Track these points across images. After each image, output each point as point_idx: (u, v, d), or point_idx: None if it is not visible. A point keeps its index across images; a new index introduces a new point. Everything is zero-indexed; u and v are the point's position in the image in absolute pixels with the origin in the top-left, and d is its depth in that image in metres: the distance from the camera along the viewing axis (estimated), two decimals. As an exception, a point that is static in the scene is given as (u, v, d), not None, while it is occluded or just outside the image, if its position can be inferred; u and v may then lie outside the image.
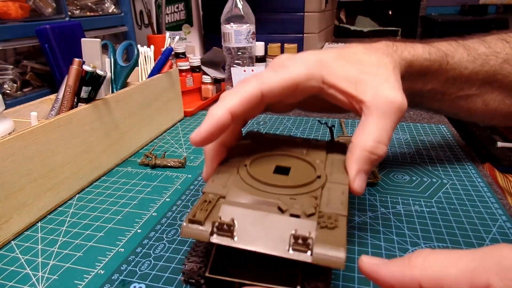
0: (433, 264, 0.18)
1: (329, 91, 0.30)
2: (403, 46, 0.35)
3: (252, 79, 0.28)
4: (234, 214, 0.23)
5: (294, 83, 0.29)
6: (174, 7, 0.96)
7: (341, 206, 0.25)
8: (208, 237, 0.23)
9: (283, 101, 0.31)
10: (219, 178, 0.28)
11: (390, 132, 0.29)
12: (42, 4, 0.69)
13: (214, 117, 0.27)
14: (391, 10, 2.75)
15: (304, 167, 0.29)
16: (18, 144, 0.35)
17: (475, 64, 0.38)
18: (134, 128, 0.53)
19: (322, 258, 0.21)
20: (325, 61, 0.31)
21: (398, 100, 0.29)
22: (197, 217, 0.23)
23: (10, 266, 0.32)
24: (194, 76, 0.76)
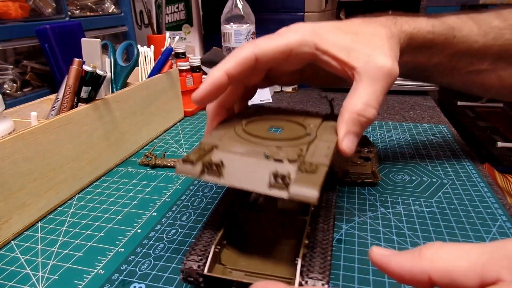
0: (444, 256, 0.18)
1: (322, 58, 0.31)
2: (404, 19, 0.35)
3: (248, 44, 0.30)
4: (223, 158, 0.26)
5: (287, 48, 0.30)
6: (174, 7, 0.96)
7: (324, 158, 0.26)
8: (198, 174, 0.25)
9: (281, 68, 0.32)
10: (216, 132, 0.30)
11: (379, 97, 0.29)
12: (42, 4, 0.69)
13: (212, 78, 0.29)
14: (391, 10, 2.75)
15: (297, 128, 0.32)
16: (18, 144, 0.35)
17: (486, 38, 0.37)
18: (134, 128, 0.53)
19: (297, 194, 0.23)
20: (319, 30, 0.31)
21: (388, 66, 0.29)
22: (190, 158, 0.26)
23: (10, 266, 0.32)
24: (194, 76, 0.76)
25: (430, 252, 0.19)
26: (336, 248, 0.33)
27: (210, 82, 0.29)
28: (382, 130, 0.60)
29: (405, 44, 0.34)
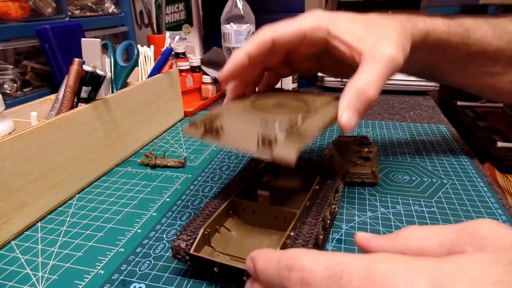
0: (417, 236, 0.20)
1: (334, 43, 0.33)
2: (420, 18, 0.36)
3: (267, 28, 0.34)
4: (224, 123, 0.30)
5: (301, 31, 0.33)
6: (174, 7, 0.96)
7: (316, 128, 0.29)
8: (201, 135, 0.29)
9: (298, 51, 0.35)
10: (226, 106, 0.35)
11: (380, 79, 0.31)
12: (42, 4, 0.69)
13: (235, 58, 0.33)
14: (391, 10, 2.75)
15: (300, 106, 0.34)
16: (18, 144, 0.35)
17: (501, 41, 0.38)
18: (134, 128, 0.53)
19: (277, 155, 0.25)
20: (334, 17, 0.34)
21: (392, 53, 0.31)
22: (195, 121, 0.30)
23: (10, 266, 0.32)
24: (194, 76, 0.76)
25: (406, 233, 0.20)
26: (336, 248, 0.33)
27: (233, 62, 0.33)
28: (382, 130, 0.60)
29: (419, 40, 0.35)
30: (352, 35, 0.32)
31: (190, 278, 0.30)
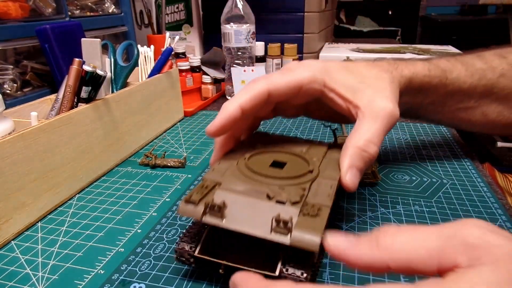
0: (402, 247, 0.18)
1: (329, 95, 0.33)
2: (403, 64, 0.38)
3: (261, 79, 0.32)
4: (226, 198, 0.26)
5: (298, 84, 0.32)
6: (174, 7, 0.96)
7: (327, 198, 0.27)
8: (201, 216, 0.26)
9: (289, 101, 0.34)
10: (219, 167, 0.31)
11: (380, 135, 0.31)
12: (42, 4, 0.69)
13: (227, 111, 0.30)
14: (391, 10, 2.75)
15: (299, 163, 0.32)
16: (18, 144, 0.35)
17: (473, 78, 0.40)
18: (134, 128, 0.53)
19: (298, 240, 0.23)
20: (328, 68, 0.34)
21: (389, 108, 0.32)
22: (192, 198, 0.26)
23: (10, 266, 0.32)
24: (194, 76, 0.76)
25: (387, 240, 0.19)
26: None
27: (225, 115, 0.30)
28: (382, 130, 0.60)
29: (404, 87, 0.37)
30: (348, 88, 0.33)
31: (190, 278, 0.30)
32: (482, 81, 0.41)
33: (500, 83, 0.41)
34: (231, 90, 0.79)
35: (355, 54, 0.89)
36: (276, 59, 0.84)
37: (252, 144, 0.35)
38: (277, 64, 0.84)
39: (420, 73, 0.38)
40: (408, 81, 0.37)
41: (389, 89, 0.34)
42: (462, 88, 0.40)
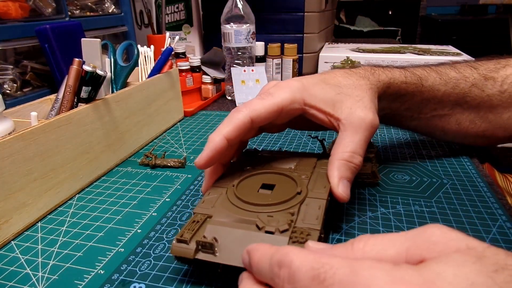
0: (373, 247, 0.20)
1: (310, 111, 0.35)
2: (381, 70, 0.40)
3: (242, 108, 0.33)
4: (216, 233, 0.27)
5: (278, 107, 0.33)
6: (174, 7, 0.96)
7: (315, 221, 0.27)
8: (193, 254, 0.27)
9: (273, 122, 0.35)
10: (209, 198, 0.32)
11: (363, 146, 0.33)
12: (42, 4, 0.69)
13: (213, 143, 0.32)
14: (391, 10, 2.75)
15: (288, 184, 0.32)
16: (18, 144, 0.35)
17: (447, 86, 0.42)
18: (134, 128, 0.53)
19: None
20: (306, 86, 0.35)
21: (369, 118, 0.33)
22: (184, 236, 0.27)
23: (10, 266, 0.32)
24: (194, 76, 0.76)
25: (361, 244, 0.21)
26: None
27: (211, 147, 0.32)
28: (382, 130, 0.60)
29: (382, 91, 0.39)
30: (327, 102, 0.34)
31: (190, 278, 0.30)
32: (455, 89, 0.42)
33: (472, 92, 0.42)
34: (231, 90, 0.79)
35: (355, 54, 0.89)
36: (276, 59, 0.84)
37: (241, 164, 0.36)
38: (277, 64, 0.84)
39: (398, 79, 0.40)
40: (385, 86, 0.39)
41: (367, 97, 0.35)
42: (437, 96, 0.42)
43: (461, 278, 0.16)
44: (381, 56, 0.86)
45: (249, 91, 0.76)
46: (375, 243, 0.20)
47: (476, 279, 0.16)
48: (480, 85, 0.42)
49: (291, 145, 0.55)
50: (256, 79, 0.77)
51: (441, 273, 0.17)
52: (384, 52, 0.91)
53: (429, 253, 0.19)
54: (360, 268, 0.18)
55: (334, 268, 0.18)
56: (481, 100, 0.43)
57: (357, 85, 0.36)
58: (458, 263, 0.17)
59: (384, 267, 0.18)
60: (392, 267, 0.18)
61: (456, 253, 0.18)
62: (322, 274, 0.18)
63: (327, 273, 0.18)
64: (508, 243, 0.32)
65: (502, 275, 0.16)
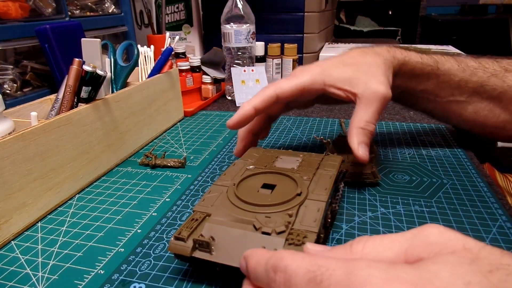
0: (372, 249, 0.20)
1: (331, 90, 0.40)
2: (397, 49, 0.43)
3: (271, 85, 0.40)
4: (214, 232, 0.27)
5: (300, 87, 0.39)
6: (174, 7, 0.96)
7: (313, 223, 0.27)
8: (190, 252, 0.27)
9: (299, 99, 0.41)
10: (209, 197, 0.32)
11: (377, 115, 0.38)
12: (42, 4, 0.69)
13: (243, 110, 0.39)
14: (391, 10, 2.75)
15: (289, 185, 0.33)
16: (18, 144, 0.35)
17: (464, 73, 0.43)
18: (134, 128, 0.53)
19: None
20: (326, 69, 0.40)
21: (382, 91, 0.37)
22: (181, 234, 0.27)
23: (10, 266, 0.32)
24: (194, 76, 0.76)
25: (360, 246, 0.21)
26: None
27: (241, 113, 0.39)
28: (382, 130, 0.60)
29: (398, 68, 0.42)
30: (345, 81, 0.39)
31: (190, 278, 0.30)
32: (473, 77, 0.43)
33: (491, 81, 0.43)
34: (231, 90, 0.79)
35: (355, 54, 0.89)
36: (276, 59, 0.84)
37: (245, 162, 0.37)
38: (277, 64, 0.84)
39: (413, 59, 0.42)
40: (401, 63, 0.41)
41: (381, 71, 0.39)
42: (453, 81, 0.43)
43: (456, 278, 0.17)
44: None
45: (249, 91, 0.76)
46: (374, 244, 0.21)
47: (472, 279, 0.16)
48: (500, 75, 0.42)
49: (291, 145, 0.55)
50: (256, 79, 0.77)
51: (437, 273, 0.17)
52: (384, 52, 0.90)
53: (426, 253, 0.19)
54: (356, 268, 0.18)
55: (331, 269, 0.18)
56: (501, 90, 0.43)
57: (372, 62, 0.39)
58: (454, 263, 0.17)
59: (381, 266, 0.18)
60: (388, 266, 0.18)
61: (452, 254, 0.18)
62: (319, 276, 0.18)
63: (323, 275, 0.18)
64: (508, 243, 0.32)
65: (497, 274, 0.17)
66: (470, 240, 0.19)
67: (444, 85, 0.44)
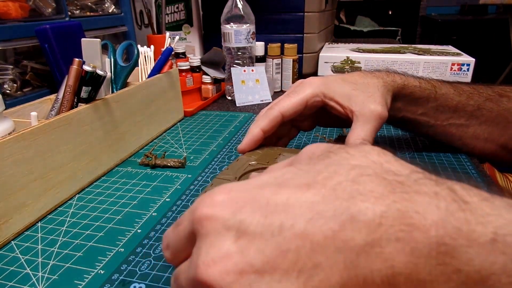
0: None
1: (330, 103, 0.40)
2: (396, 73, 0.44)
3: (274, 105, 0.40)
4: None
5: (303, 101, 0.39)
6: (174, 7, 0.96)
7: None
8: None
9: (302, 115, 0.41)
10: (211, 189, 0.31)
11: (373, 133, 0.38)
12: (42, 4, 0.69)
13: (252, 134, 0.38)
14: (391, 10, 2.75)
15: None
16: (18, 144, 0.35)
17: (461, 97, 0.45)
18: (134, 128, 0.53)
19: None
20: (327, 82, 0.40)
21: (378, 110, 0.39)
22: None
23: (10, 266, 0.32)
24: (194, 76, 0.76)
25: None
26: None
27: (250, 137, 0.39)
28: (382, 130, 0.60)
29: (397, 91, 0.43)
30: (344, 96, 0.39)
31: (190, 278, 0.30)
32: (470, 101, 0.45)
33: (487, 105, 0.44)
34: (231, 90, 0.79)
35: (355, 54, 0.89)
36: (276, 59, 0.84)
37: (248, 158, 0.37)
38: (277, 64, 0.84)
39: (412, 83, 0.44)
40: (400, 87, 0.43)
41: (379, 93, 0.40)
42: (452, 104, 0.45)
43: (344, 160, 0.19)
44: (381, 56, 0.86)
45: (249, 91, 0.76)
46: None
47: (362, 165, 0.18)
48: (494, 100, 0.44)
49: (291, 145, 0.55)
50: (256, 79, 0.77)
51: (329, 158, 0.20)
52: (384, 52, 0.91)
53: None
54: None
55: None
56: (497, 113, 0.44)
57: (370, 83, 0.41)
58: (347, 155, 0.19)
59: None
60: None
61: None
62: None
63: None
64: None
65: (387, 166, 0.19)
66: (334, 146, 0.21)
67: (442, 109, 0.45)
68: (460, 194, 0.16)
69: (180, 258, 0.21)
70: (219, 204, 0.18)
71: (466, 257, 0.14)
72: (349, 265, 0.15)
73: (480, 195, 0.16)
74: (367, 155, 0.19)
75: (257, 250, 0.16)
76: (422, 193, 0.16)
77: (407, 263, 0.15)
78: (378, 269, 0.15)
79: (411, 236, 0.15)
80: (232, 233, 0.17)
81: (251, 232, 0.16)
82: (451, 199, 0.16)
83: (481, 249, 0.14)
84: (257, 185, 0.19)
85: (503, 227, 0.14)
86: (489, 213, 0.15)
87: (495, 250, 0.14)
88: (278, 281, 0.15)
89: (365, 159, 0.19)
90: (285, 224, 0.16)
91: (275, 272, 0.16)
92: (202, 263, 0.16)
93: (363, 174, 0.17)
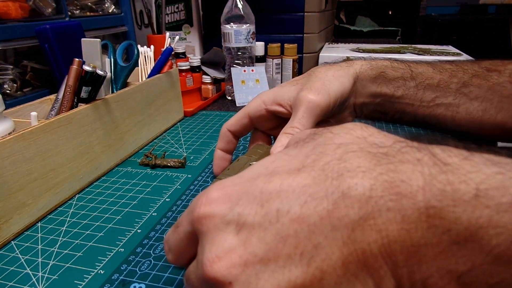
0: None
1: (275, 109, 0.40)
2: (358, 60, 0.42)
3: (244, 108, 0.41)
4: None
5: (245, 115, 0.41)
6: (174, 7, 0.96)
7: None
8: None
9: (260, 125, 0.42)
10: None
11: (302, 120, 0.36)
12: (42, 4, 0.69)
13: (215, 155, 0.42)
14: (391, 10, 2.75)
15: None
16: (18, 144, 0.35)
17: (442, 75, 0.41)
18: (134, 128, 0.53)
19: None
20: (279, 89, 0.40)
21: (307, 97, 0.37)
22: None
23: (10, 266, 0.32)
24: (194, 76, 0.76)
25: None
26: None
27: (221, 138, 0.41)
28: (382, 130, 0.60)
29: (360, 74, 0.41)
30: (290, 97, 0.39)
31: (190, 278, 0.30)
32: (453, 79, 0.41)
33: (474, 81, 0.40)
34: (231, 90, 0.79)
35: (355, 54, 0.89)
36: (276, 59, 0.84)
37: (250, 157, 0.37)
38: (277, 64, 0.84)
39: (381, 63, 0.41)
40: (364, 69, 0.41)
41: (318, 83, 0.38)
42: (432, 83, 0.41)
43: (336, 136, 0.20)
44: (381, 56, 0.86)
45: (249, 91, 0.76)
46: None
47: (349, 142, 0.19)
48: (482, 76, 0.40)
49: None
50: (256, 79, 0.77)
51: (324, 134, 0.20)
52: (384, 52, 0.91)
53: None
54: None
55: None
56: (488, 88, 0.40)
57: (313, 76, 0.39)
58: None
59: None
60: None
61: None
62: None
63: None
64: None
65: None
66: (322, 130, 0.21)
67: (424, 88, 0.41)
68: (440, 157, 0.16)
69: (183, 259, 0.21)
70: (215, 201, 0.18)
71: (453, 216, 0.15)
72: (347, 241, 0.16)
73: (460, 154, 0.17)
74: (350, 132, 0.20)
75: (258, 239, 0.16)
76: (405, 161, 0.17)
77: (400, 230, 0.15)
78: (374, 241, 0.15)
79: (400, 204, 0.15)
80: (232, 227, 0.17)
81: (250, 223, 0.17)
82: (433, 163, 0.16)
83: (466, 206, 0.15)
84: (249, 177, 0.19)
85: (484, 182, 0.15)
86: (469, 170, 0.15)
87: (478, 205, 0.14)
88: (282, 266, 0.16)
89: (349, 135, 0.19)
90: (281, 211, 0.17)
91: (278, 259, 0.16)
92: (207, 260, 0.17)
93: (348, 151, 0.18)
